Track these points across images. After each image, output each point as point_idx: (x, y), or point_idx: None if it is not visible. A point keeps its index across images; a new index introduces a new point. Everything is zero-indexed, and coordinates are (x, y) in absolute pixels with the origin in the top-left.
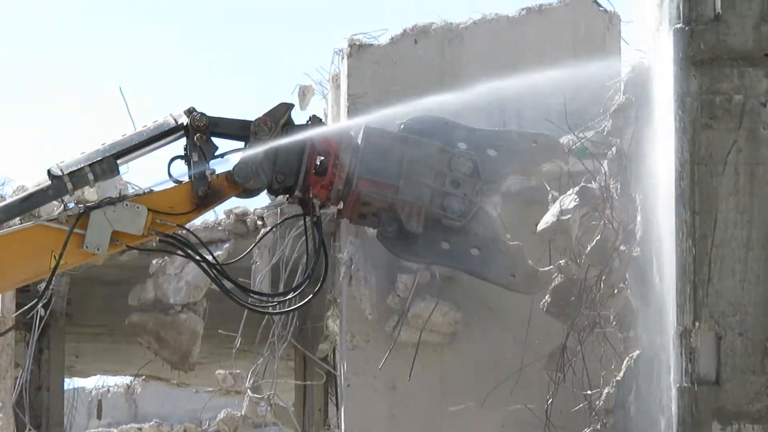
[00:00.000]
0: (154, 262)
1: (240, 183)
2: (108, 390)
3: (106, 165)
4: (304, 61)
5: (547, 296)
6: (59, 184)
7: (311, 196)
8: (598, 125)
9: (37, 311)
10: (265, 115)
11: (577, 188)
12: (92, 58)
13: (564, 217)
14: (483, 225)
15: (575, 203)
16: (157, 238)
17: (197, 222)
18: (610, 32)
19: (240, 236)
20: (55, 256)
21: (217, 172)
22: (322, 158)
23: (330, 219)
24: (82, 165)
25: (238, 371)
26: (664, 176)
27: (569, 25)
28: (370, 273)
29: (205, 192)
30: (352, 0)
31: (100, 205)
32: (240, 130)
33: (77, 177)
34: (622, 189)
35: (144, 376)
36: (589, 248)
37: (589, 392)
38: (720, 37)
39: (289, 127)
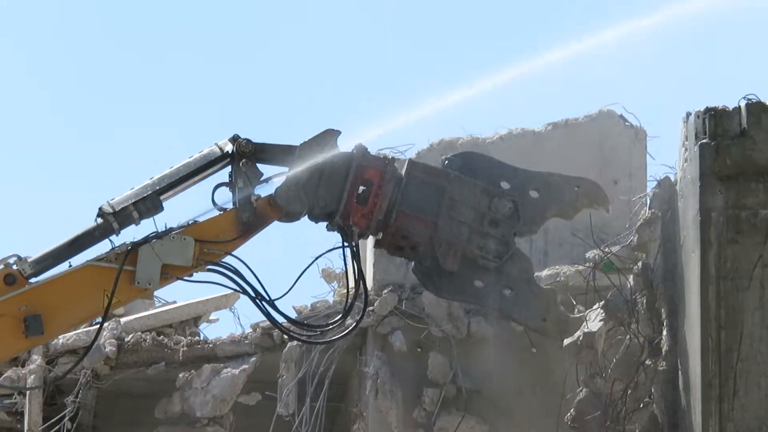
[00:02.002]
0: (180, 375)
1: (281, 206)
2: None
3: (150, 202)
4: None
5: (572, 410)
6: (105, 224)
7: (351, 224)
8: (624, 240)
9: (64, 424)
10: (311, 139)
11: (602, 302)
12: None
13: (590, 332)
14: (518, 266)
15: (601, 317)
16: (206, 267)
17: (224, 335)
18: (636, 147)
19: (266, 350)
20: (107, 295)
21: (260, 196)
22: (364, 187)
23: (357, 333)
24: (127, 204)
25: None
26: (690, 290)
27: (595, 140)
28: (396, 386)
29: (249, 218)
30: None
31: (146, 240)
32: (285, 156)
33: (122, 216)
34: (647, 303)
35: None
36: (614, 362)
37: None
38: (746, 152)
39: (334, 153)
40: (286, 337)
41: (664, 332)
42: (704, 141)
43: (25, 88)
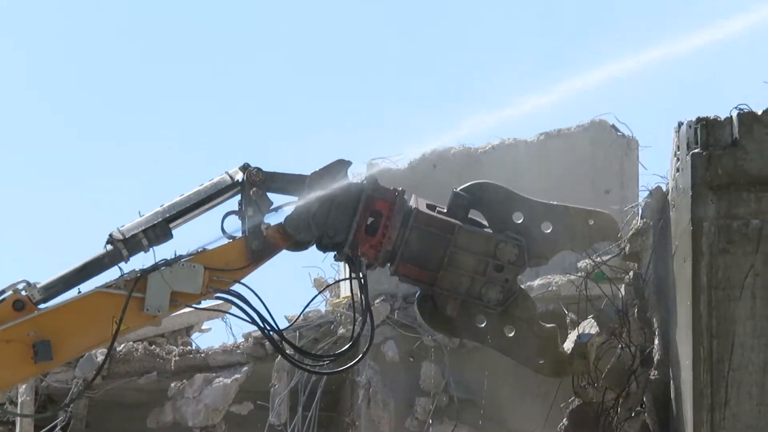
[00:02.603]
0: (172, 385)
1: (291, 234)
2: None
3: (160, 230)
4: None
5: (564, 420)
6: (114, 251)
7: (359, 254)
8: (616, 250)
9: None
10: (321, 169)
11: (595, 313)
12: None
13: (582, 342)
14: (520, 307)
15: (593, 327)
16: (215, 295)
17: (216, 344)
18: (628, 157)
19: (258, 359)
20: (116, 322)
21: (270, 225)
22: (373, 218)
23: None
24: (137, 231)
25: None
26: (682, 300)
27: (587, 150)
28: (388, 396)
29: (259, 246)
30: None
31: (156, 267)
32: (296, 185)
33: (132, 243)
34: (639, 313)
35: None
36: (606, 371)
37: None
38: (737, 162)
39: (344, 183)
40: None
41: (656, 341)
42: (696, 151)
43: (25, 88)
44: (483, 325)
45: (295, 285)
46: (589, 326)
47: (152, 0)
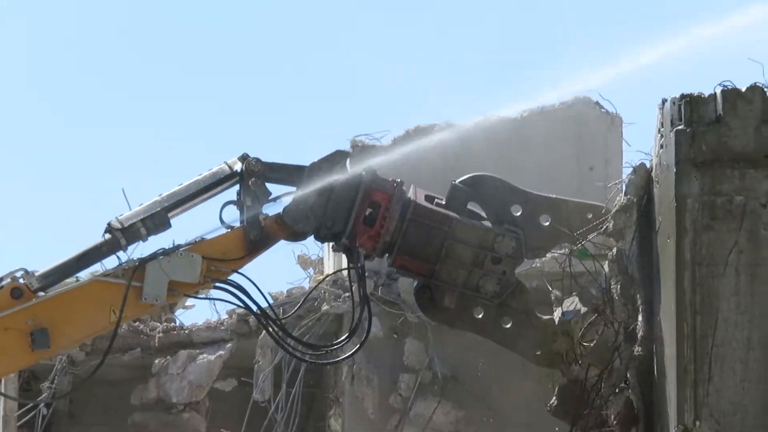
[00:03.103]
0: (156, 361)
1: (289, 225)
2: None
3: (158, 219)
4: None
5: (554, 398)
6: (113, 240)
7: (357, 245)
8: (599, 226)
9: (40, 410)
10: (320, 160)
11: (578, 290)
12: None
13: (565, 319)
14: (517, 298)
15: (576, 305)
16: (213, 284)
17: (200, 321)
18: (612, 133)
19: (242, 336)
20: (114, 311)
21: (268, 215)
22: (372, 209)
23: (333, 319)
24: (135, 220)
25: None
26: (666, 277)
27: (571, 126)
28: (372, 372)
29: (257, 236)
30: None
31: (154, 256)
32: (294, 175)
33: (130, 232)
34: (623, 289)
35: None
36: (589, 348)
37: None
38: (721, 138)
39: (343, 174)
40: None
41: (640, 318)
42: (680, 127)
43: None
44: (480, 316)
45: (278, 262)
46: (573, 303)
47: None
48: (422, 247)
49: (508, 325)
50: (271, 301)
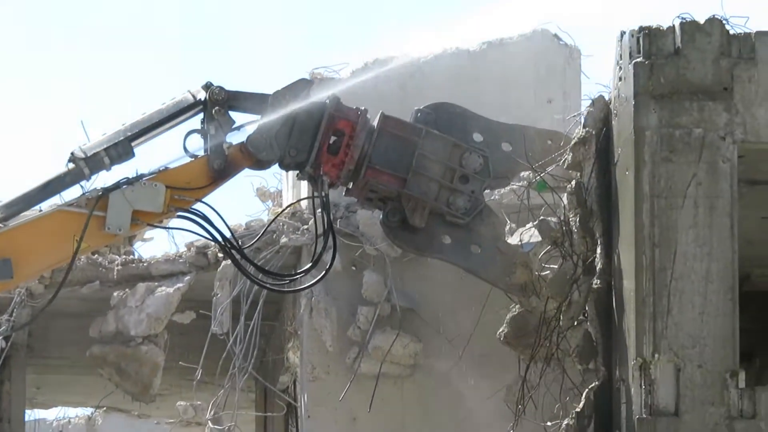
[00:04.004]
0: (114, 294)
1: (253, 153)
2: (69, 422)
3: (122, 148)
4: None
5: (504, 326)
6: (76, 170)
7: (321, 173)
8: (558, 158)
9: None
10: (284, 88)
11: (536, 221)
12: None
13: (524, 251)
14: (486, 223)
15: (534, 236)
16: (176, 214)
17: (158, 254)
18: (571, 66)
19: (201, 269)
20: (77, 240)
21: (232, 144)
22: (336, 138)
23: (292, 252)
24: (99, 149)
25: (198, 403)
26: (624, 209)
27: (530, 59)
28: (330, 305)
29: (221, 165)
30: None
31: (117, 185)
32: (258, 104)
33: (93, 162)
34: (581, 222)
35: (105, 408)
36: (548, 280)
37: (548, 424)
38: (680, 71)
39: (307, 102)
40: (220, 255)
41: (598, 251)
42: (638, 60)
43: None
44: (449, 242)
45: (237, 194)
46: (530, 235)
47: None
48: (393, 159)
49: (478, 251)
50: (232, 231)
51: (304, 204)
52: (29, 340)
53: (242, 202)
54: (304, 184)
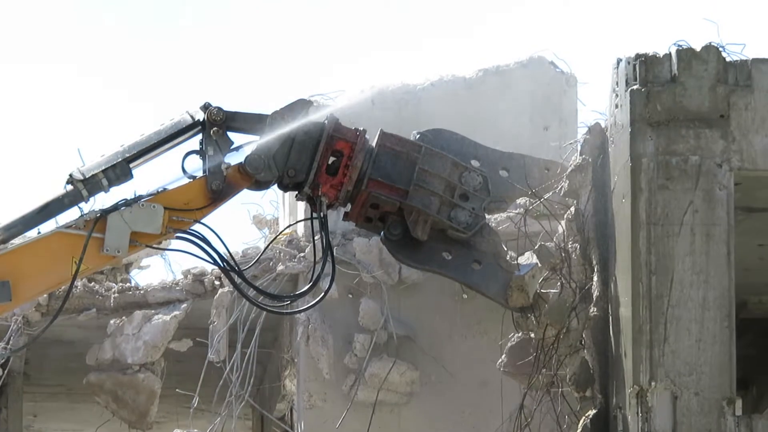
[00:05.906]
0: (111, 322)
1: (251, 174)
2: None
3: (120, 170)
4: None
5: (503, 356)
6: (74, 191)
7: (320, 194)
8: (555, 186)
9: None
10: (282, 109)
11: (534, 247)
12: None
13: (520, 275)
14: (486, 240)
15: (529, 259)
16: (175, 235)
17: (155, 281)
18: (567, 93)
19: (198, 296)
20: (75, 262)
21: (230, 164)
22: (335, 158)
23: (288, 279)
24: (97, 171)
25: (195, 431)
26: (621, 236)
27: (526, 86)
28: (327, 333)
29: (219, 186)
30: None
31: (116, 207)
32: (256, 124)
33: (92, 183)
34: (579, 249)
35: None
36: (546, 308)
37: None
38: (676, 98)
39: (305, 123)
40: (217, 283)
41: (596, 278)
42: (635, 87)
43: None
44: (450, 258)
45: (233, 222)
46: (527, 260)
47: None
48: (394, 172)
49: (478, 268)
50: (231, 253)
51: (300, 232)
52: (26, 368)
53: (239, 229)
54: (301, 212)
